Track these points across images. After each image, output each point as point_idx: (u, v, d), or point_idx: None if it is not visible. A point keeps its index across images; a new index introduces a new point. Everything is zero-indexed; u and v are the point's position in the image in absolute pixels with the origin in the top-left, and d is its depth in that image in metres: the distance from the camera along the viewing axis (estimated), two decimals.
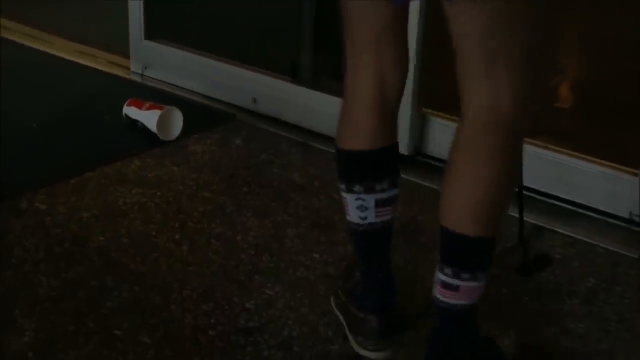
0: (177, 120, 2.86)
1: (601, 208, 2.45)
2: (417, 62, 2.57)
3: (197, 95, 3.18)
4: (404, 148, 2.61)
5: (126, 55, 3.44)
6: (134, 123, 2.91)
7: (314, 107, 2.91)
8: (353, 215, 1.82)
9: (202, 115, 3.03)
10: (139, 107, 2.90)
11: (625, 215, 2.42)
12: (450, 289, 1.67)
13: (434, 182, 2.46)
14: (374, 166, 1.78)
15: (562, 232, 2.39)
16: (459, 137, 1.61)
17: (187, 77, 3.23)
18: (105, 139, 2.87)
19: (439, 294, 1.69)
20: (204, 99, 3.17)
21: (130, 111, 2.92)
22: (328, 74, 3.01)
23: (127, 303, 2.07)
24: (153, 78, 3.34)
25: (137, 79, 3.37)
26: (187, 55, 3.25)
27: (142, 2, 3.29)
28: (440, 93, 2.62)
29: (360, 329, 1.91)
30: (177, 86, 3.26)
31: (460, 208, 1.62)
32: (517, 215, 2.24)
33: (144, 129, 2.87)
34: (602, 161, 2.45)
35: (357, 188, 1.78)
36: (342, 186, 1.81)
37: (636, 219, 2.40)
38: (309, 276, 2.20)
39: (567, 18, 2.84)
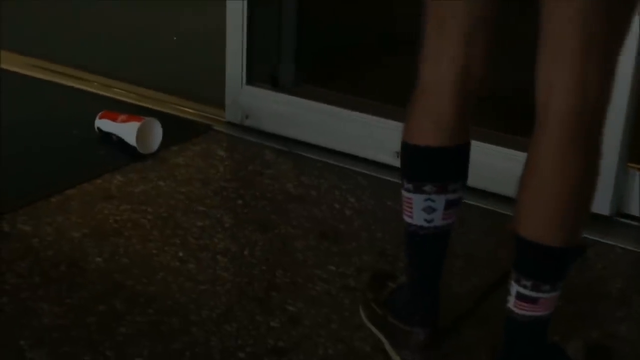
0: (157, 132, 2.69)
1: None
2: (628, 111, 2.26)
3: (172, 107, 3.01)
4: (604, 207, 2.34)
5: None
6: (107, 136, 2.73)
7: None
8: (417, 217, 1.69)
9: (177, 127, 2.86)
10: (114, 119, 2.72)
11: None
12: (527, 301, 1.58)
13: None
14: (451, 164, 1.68)
15: None
16: (539, 138, 1.52)
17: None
18: (79, 154, 2.68)
19: (515, 306, 1.60)
20: (175, 110, 3.00)
21: (103, 124, 2.74)
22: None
23: (143, 328, 1.90)
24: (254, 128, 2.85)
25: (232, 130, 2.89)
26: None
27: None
28: None
29: (405, 342, 1.79)
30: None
31: (545, 216, 1.52)
32: None
33: (120, 141, 2.69)
34: None
35: (428, 188, 1.66)
36: (409, 185, 1.69)
37: None
38: (329, 290, 2.07)
39: None
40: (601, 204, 2.29)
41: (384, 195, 2.49)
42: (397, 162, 2.54)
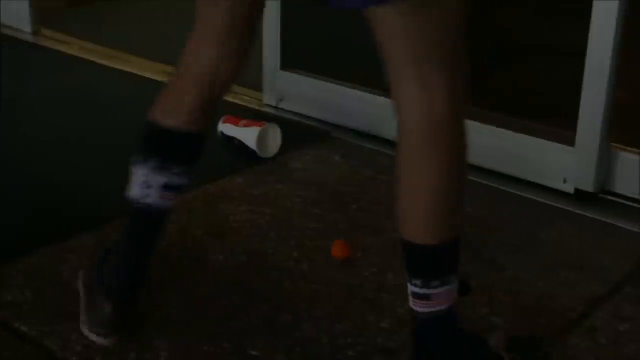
0: (276, 137, 2.81)
1: None
2: (609, 93, 2.37)
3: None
4: (589, 184, 2.49)
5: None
6: (229, 140, 2.86)
7: None
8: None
9: (297, 132, 2.97)
10: (235, 123, 2.85)
11: None
12: (423, 299, 1.66)
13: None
14: (192, 148, 1.85)
15: None
16: (401, 148, 1.57)
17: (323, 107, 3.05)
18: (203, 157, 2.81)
19: (414, 305, 1.68)
20: (297, 116, 3.11)
21: (226, 128, 2.87)
22: None
23: (257, 322, 2.00)
24: (288, 110, 3.13)
25: (272, 111, 3.16)
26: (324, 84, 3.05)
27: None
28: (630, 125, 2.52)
29: (96, 314, 1.86)
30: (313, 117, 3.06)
31: (416, 218, 1.60)
32: None
33: (241, 145, 2.81)
34: None
35: (152, 163, 1.81)
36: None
37: None
38: None
39: None
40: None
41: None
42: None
